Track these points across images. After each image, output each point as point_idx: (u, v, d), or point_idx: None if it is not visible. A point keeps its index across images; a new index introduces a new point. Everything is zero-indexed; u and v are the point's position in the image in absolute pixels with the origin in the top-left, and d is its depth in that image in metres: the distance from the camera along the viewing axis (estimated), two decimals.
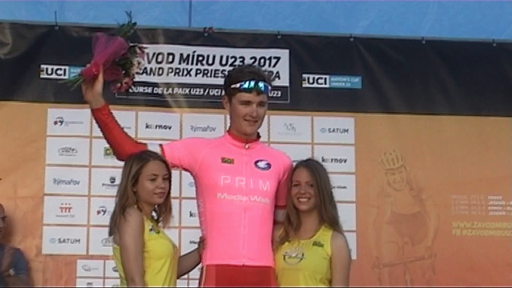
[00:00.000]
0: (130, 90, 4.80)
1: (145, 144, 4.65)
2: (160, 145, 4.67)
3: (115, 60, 4.52)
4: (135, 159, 4.59)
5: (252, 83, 4.59)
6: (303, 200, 4.67)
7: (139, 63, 4.64)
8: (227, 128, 6.45)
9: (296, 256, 4.64)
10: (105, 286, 6.83)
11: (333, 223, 4.70)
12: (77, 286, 6.82)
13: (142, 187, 4.52)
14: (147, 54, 5.09)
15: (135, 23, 4.61)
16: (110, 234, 4.60)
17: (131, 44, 4.63)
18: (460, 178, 7.23)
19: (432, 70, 7.37)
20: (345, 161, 7.09)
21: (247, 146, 4.66)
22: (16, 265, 6.44)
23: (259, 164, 4.66)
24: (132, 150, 4.57)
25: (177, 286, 4.59)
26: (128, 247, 4.42)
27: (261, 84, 4.59)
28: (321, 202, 4.68)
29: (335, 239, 4.67)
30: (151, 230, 4.51)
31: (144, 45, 4.79)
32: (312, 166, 4.78)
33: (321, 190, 4.69)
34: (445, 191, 7.19)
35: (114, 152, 4.64)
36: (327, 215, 4.68)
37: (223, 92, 4.75)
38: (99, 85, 4.46)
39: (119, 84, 4.62)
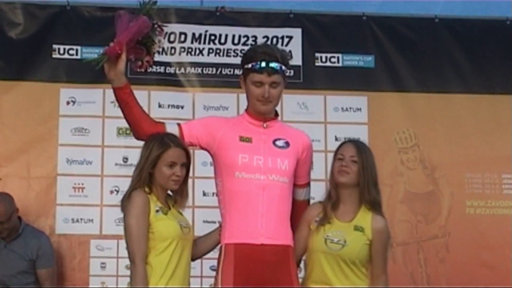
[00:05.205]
0: (142, 70, 4.75)
1: (163, 123, 4.61)
2: (178, 124, 4.65)
3: (138, 39, 4.48)
4: (156, 142, 4.58)
5: (264, 64, 4.54)
6: (342, 172, 4.67)
7: (159, 41, 4.60)
8: (239, 107, 6.57)
9: (338, 242, 4.62)
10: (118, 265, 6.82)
11: (373, 206, 4.69)
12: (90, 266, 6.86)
13: (160, 171, 4.52)
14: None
15: (156, 1, 4.54)
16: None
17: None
18: (473, 156, 7.22)
19: (445, 48, 7.36)
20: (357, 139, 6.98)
21: (265, 125, 4.62)
22: (43, 256, 6.47)
23: (278, 142, 4.62)
24: (151, 130, 4.56)
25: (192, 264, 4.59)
26: (130, 229, 4.45)
27: (273, 65, 4.55)
28: (364, 183, 4.67)
29: (376, 222, 4.65)
30: (157, 211, 4.51)
31: (164, 24, 4.70)
32: (359, 144, 4.79)
33: (365, 170, 4.67)
34: (459, 170, 7.19)
35: (133, 131, 4.61)
36: (370, 197, 4.67)
37: (240, 72, 4.70)
38: (122, 63, 4.44)
39: (140, 63, 4.59)
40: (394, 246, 6.85)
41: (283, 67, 4.59)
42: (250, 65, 4.57)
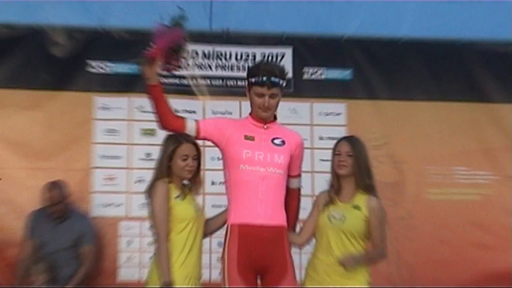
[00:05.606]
0: (170, 72, 4.76)
1: (184, 118, 4.62)
2: (196, 120, 4.65)
3: (171, 47, 4.49)
4: (172, 140, 4.61)
5: (265, 79, 4.51)
6: (341, 166, 4.72)
7: (186, 49, 4.63)
8: (241, 112, 6.69)
9: (339, 219, 4.68)
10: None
11: (366, 189, 4.72)
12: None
13: (175, 164, 4.55)
14: None
15: (184, 16, 4.52)
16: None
17: None
18: (432, 152, 7.22)
19: (410, 64, 7.35)
20: (338, 138, 6.95)
21: (265, 127, 4.62)
22: (86, 236, 6.49)
23: (275, 141, 4.62)
24: (174, 122, 4.58)
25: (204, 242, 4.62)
26: (155, 213, 4.48)
27: (273, 79, 4.52)
28: (358, 173, 4.71)
29: (370, 202, 4.69)
30: (176, 197, 4.53)
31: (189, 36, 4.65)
32: (352, 140, 4.81)
33: (359, 162, 4.71)
34: (420, 163, 7.19)
35: (160, 121, 4.59)
36: (362, 183, 4.72)
37: (244, 83, 4.71)
38: (157, 65, 4.47)
39: (168, 66, 4.58)
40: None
41: (281, 81, 4.55)
42: (253, 80, 4.55)
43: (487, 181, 7.25)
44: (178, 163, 4.56)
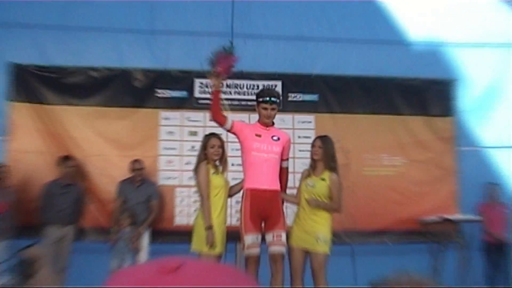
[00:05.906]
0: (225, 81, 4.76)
1: (226, 117, 4.70)
2: (232, 120, 4.75)
3: (228, 66, 4.59)
4: (205, 137, 4.85)
5: (268, 99, 4.67)
6: (315, 154, 4.86)
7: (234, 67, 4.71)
8: (249, 121, 6.60)
9: (311, 186, 4.82)
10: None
11: (331, 169, 4.85)
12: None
13: (208, 151, 4.76)
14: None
15: (233, 46, 4.58)
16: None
17: None
18: (367, 145, 7.19)
19: (354, 91, 7.27)
20: (309, 137, 6.70)
21: (267, 129, 4.80)
22: (154, 195, 6.51)
23: (274, 138, 4.78)
24: (220, 117, 4.62)
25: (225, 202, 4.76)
26: (200, 183, 4.67)
27: (273, 99, 4.69)
28: (326, 159, 4.84)
29: (331, 177, 4.84)
30: (213, 173, 4.72)
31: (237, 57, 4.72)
32: (323, 138, 4.93)
33: (325, 151, 4.85)
34: (360, 152, 7.16)
35: (212, 114, 4.61)
36: (328, 165, 4.86)
37: (255, 102, 4.83)
38: (220, 77, 4.54)
39: (224, 77, 4.63)
40: None
41: (278, 101, 4.77)
42: (261, 99, 4.71)
43: (400, 163, 7.21)
44: (209, 150, 4.73)
